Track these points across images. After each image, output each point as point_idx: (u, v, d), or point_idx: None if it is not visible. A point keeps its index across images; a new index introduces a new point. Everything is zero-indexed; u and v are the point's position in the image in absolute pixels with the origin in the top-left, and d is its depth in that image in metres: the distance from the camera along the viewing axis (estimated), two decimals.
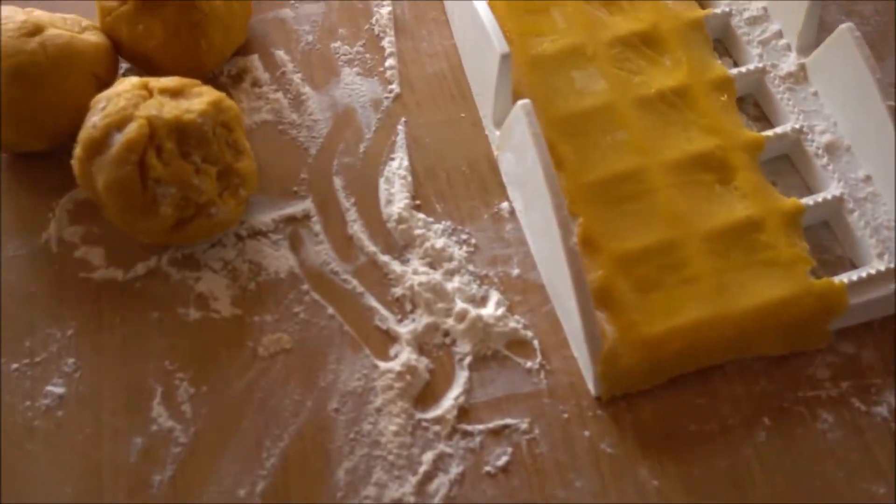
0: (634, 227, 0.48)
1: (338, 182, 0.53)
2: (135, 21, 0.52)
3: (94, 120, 0.46)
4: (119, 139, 0.45)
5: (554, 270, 0.47)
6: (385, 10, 0.60)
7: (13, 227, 0.52)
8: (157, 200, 0.46)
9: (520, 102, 0.46)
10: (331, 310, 0.49)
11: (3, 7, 0.52)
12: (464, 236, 0.51)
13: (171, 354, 0.48)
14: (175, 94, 0.48)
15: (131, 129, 0.45)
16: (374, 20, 0.60)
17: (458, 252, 0.50)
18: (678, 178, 0.49)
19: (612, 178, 0.49)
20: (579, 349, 0.46)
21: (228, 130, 0.49)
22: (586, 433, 0.45)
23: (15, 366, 0.48)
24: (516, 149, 0.48)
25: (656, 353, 0.44)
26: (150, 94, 0.48)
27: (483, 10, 0.51)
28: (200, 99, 0.48)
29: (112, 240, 0.51)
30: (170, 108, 0.47)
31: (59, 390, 0.47)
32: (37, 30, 0.50)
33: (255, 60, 0.58)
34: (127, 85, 0.48)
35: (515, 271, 0.50)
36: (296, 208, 0.52)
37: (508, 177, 0.52)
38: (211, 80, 0.56)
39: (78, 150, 0.47)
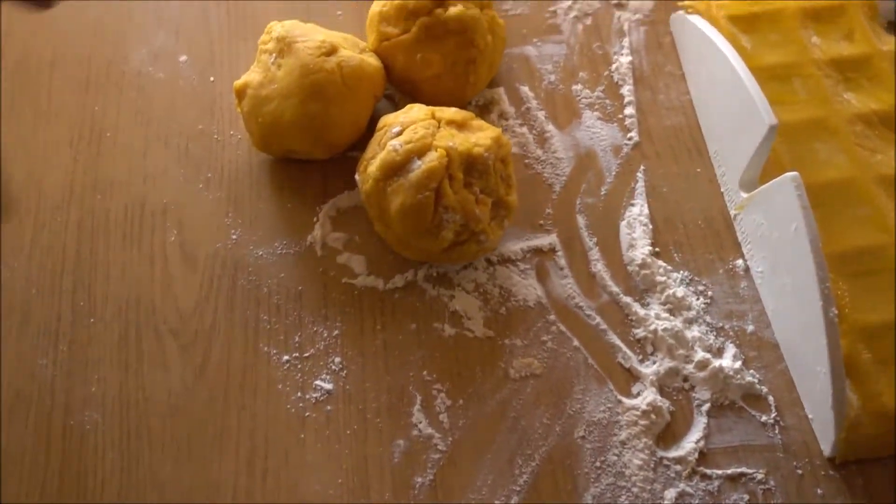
0: (876, 302, 0.51)
1: (581, 220, 0.57)
2: (413, 51, 0.56)
3: (395, 144, 0.50)
4: (419, 166, 0.50)
5: (799, 334, 0.50)
6: (625, 60, 0.63)
7: (280, 226, 0.57)
8: (442, 225, 0.50)
9: (789, 174, 0.49)
10: (576, 342, 0.53)
11: (295, 23, 0.56)
12: (700, 287, 0.54)
13: (429, 365, 0.52)
14: (460, 126, 0.52)
15: (432, 158, 0.50)
16: (613, 67, 0.63)
17: (696, 302, 0.54)
18: None
19: (855, 252, 0.52)
20: (816, 411, 0.49)
21: (504, 165, 0.53)
22: (819, 491, 0.48)
23: (286, 357, 0.52)
24: (775, 216, 0.51)
25: None
26: (438, 124, 0.52)
27: (747, 77, 0.54)
28: (484, 133, 0.52)
29: (372, 250, 0.56)
30: (460, 141, 0.51)
31: (328, 386, 0.51)
32: (333, 50, 0.55)
33: (501, 94, 0.62)
34: (420, 113, 0.52)
35: (750, 327, 0.53)
36: (542, 241, 0.56)
37: (749, 237, 0.55)
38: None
39: (374, 170, 0.51)
